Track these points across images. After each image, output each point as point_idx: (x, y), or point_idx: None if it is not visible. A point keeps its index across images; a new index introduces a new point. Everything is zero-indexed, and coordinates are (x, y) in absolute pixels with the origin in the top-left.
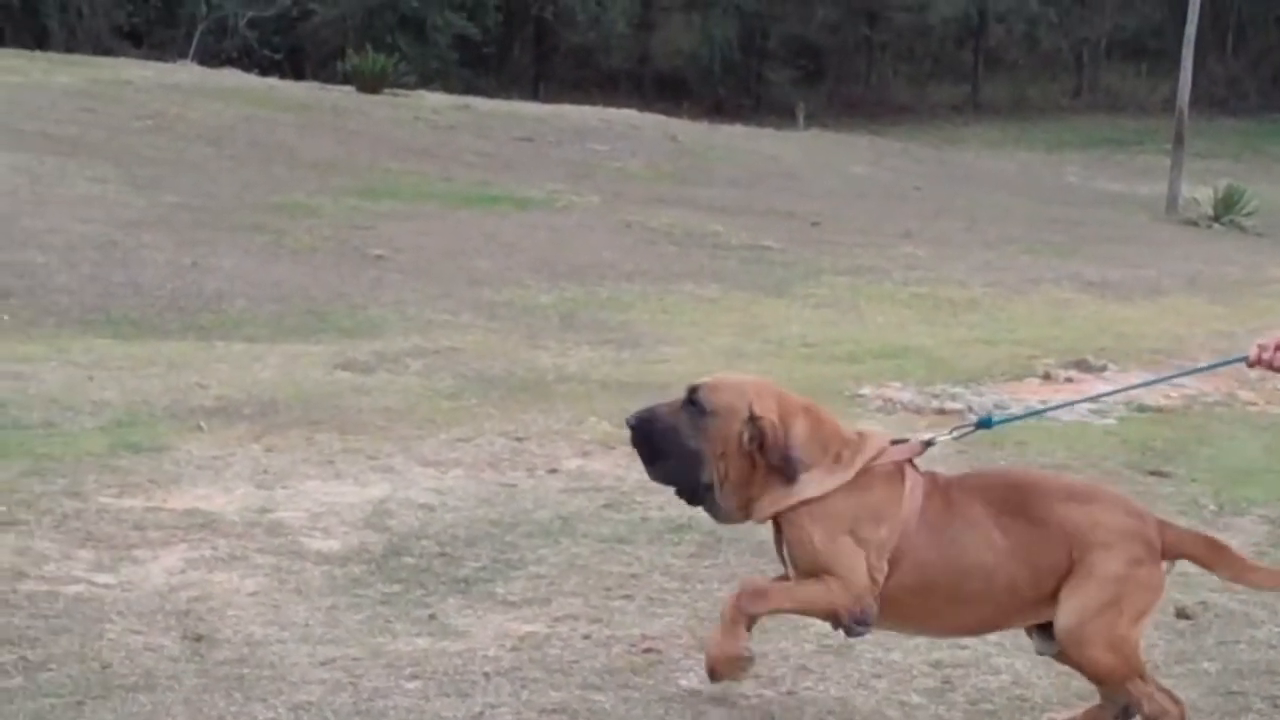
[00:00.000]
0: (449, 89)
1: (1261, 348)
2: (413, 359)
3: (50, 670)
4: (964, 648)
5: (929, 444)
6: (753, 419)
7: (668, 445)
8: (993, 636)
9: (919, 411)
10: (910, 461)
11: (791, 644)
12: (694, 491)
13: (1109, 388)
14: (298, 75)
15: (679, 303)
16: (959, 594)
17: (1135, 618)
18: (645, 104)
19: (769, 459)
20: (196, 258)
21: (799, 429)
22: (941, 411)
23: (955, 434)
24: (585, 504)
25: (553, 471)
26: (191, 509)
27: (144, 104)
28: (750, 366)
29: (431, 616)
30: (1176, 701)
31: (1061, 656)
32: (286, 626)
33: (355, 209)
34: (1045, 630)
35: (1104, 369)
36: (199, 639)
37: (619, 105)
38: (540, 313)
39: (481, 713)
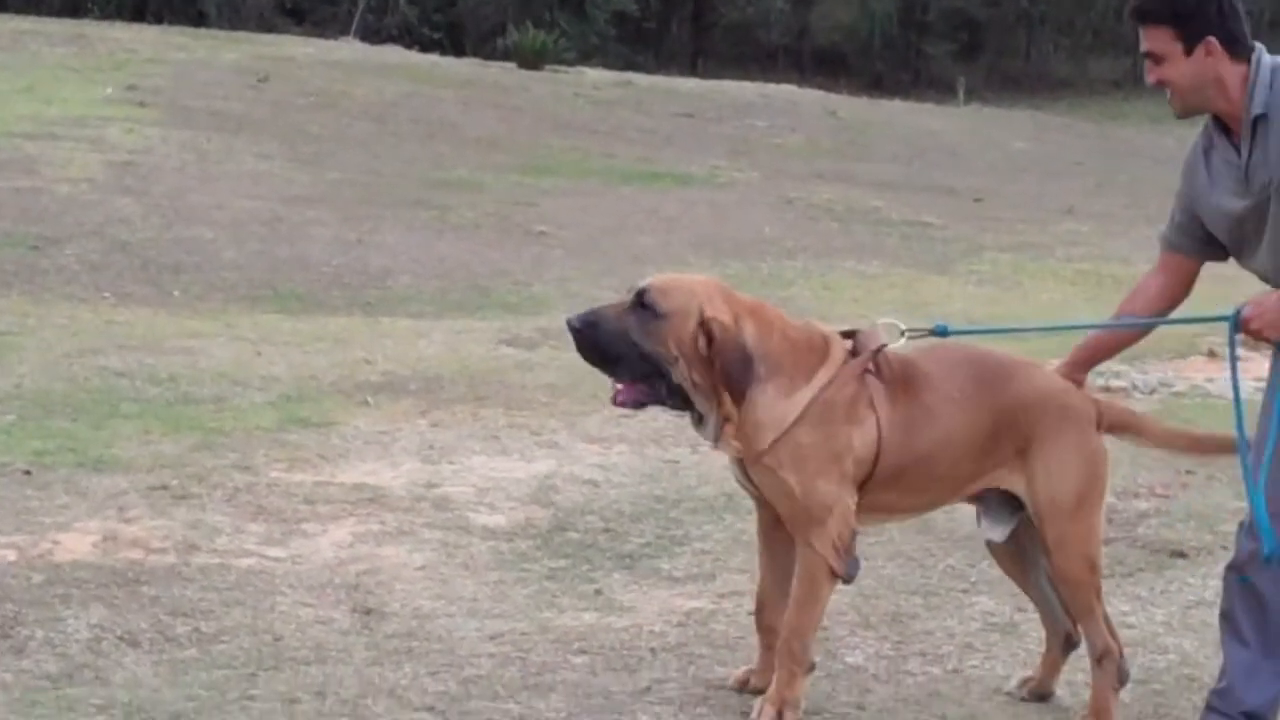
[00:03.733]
0: (608, 65)
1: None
2: None
3: (223, 642)
4: (1131, 627)
5: (879, 351)
6: (703, 321)
7: (616, 349)
8: (1159, 616)
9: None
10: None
11: (957, 622)
12: (668, 393)
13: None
14: (457, 52)
15: (840, 279)
16: (940, 470)
17: (1099, 502)
18: (804, 79)
19: (722, 363)
20: (361, 234)
21: (748, 334)
22: (1107, 389)
23: (909, 336)
24: None
25: None
26: (360, 484)
27: (308, 81)
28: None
29: (598, 592)
30: (1117, 637)
31: (1004, 547)
32: (454, 601)
33: (518, 185)
34: (994, 513)
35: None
36: (368, 612)
37: (777, 81)
38: None
39: (649, 687)
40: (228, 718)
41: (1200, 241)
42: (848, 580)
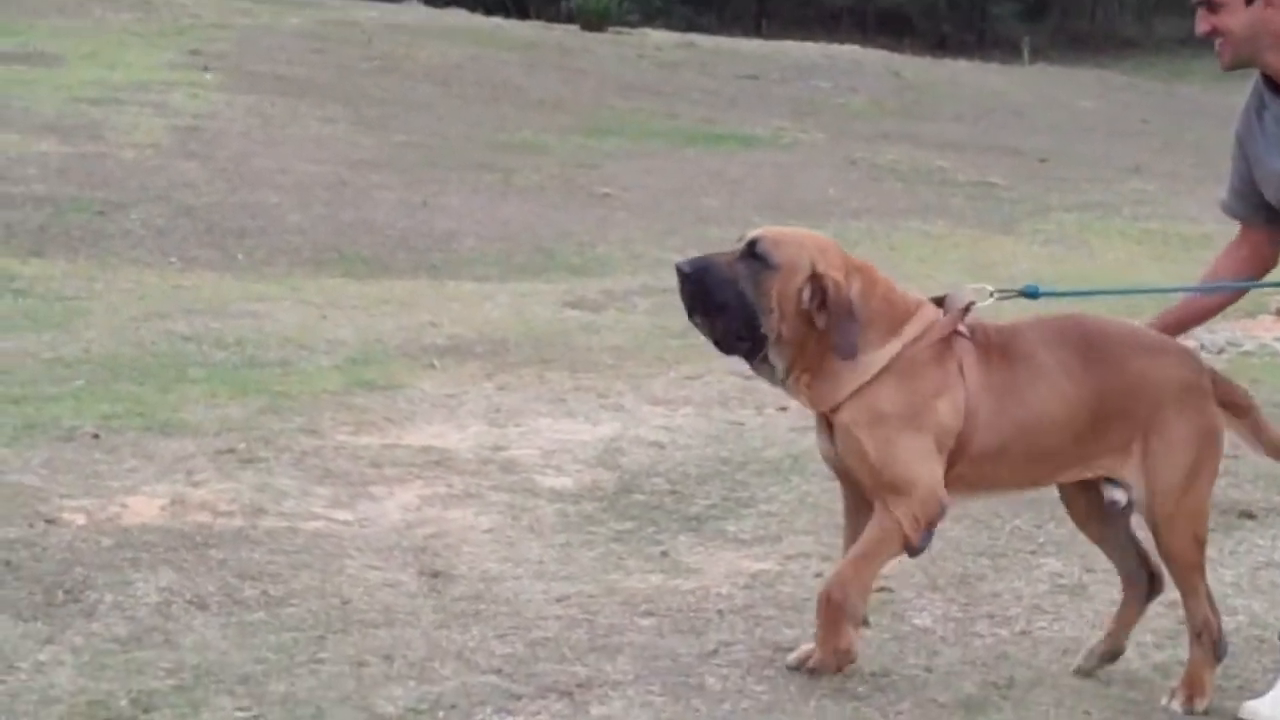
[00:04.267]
0: (671, 27)
1: None
2: (641, 297)
3: (292, 605)
4: None
5: (968, 309)
6: (815, 276)
7: (723, 296)
8: (1228, 577)
9: None
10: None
11: (1024, 584)
12: (750, 344)
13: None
14: (521, 14)
15: (906, 239)
16: (1034, 451)
17: (1210, 480)
18: (867, 40)
19: (829, 322)
20: (426, 197)
21: (854, 292)
22: None
23: (996, 296)
24: (813, 443)
25: (782, 409)
26: (426, 446)
27: (372, 44)
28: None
29: (664, 554)
30: (1216, 612)
31: (1080, 497)
32: (521, 563)
33: (581, 147)
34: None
35: None
36: (436, 575)
37: (841, 41)
38: None
39: (716, 650)
40: (296, 680)
41: (1260, 207)
42: (915, 553)
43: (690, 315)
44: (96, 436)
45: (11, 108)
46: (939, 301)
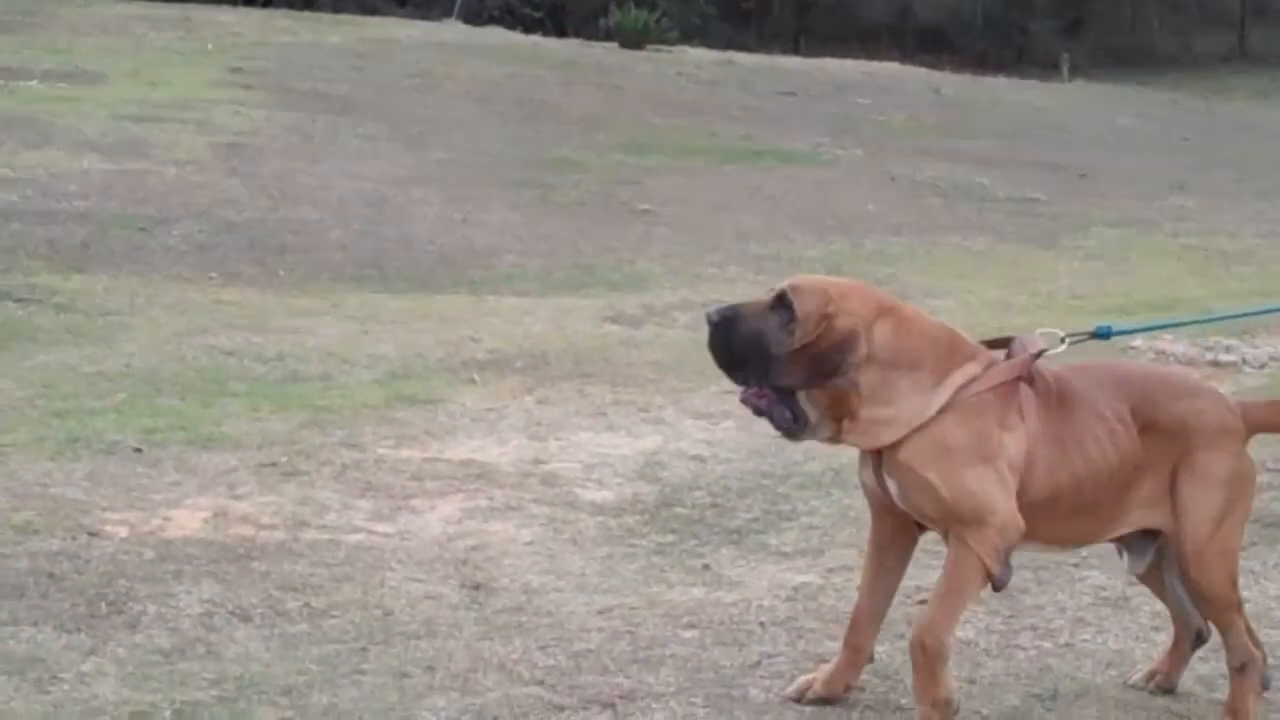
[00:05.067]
0: (710, 45)
1: None
2: (680, 312)
3: (334, 617)
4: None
5: (1039, 356)
6: (825, 317)
7: (749, 350)
8: (1273, 590)
9: (1192, 364)
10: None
11: (1068, 596)
12: (783, 413)
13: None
14: (559, 33)
15: (946, 255)
16: (1081, 503)
17: (1242, 521)
18: (906, 57)
19: (815, 351)
20: (466, 213)
21: (880, 333)
22: (1215, 364)
23: (1069, 341)
24: (855, 455)
25: None
26: (467, 460)
27: (412, 63)
28: (1018, 319)
29: (706, 567)
30: (1259, 645)
31: (1148, 579)
32: (563, 576)
33: (621, 164)
34: (1135, 546)
35: None
36: (477, 587)
37: (880, 59)
38: (806, 266)
39: (759, 662)
40: (339, 692)
41: None
42: (999, 587)
43: (715, 358)
44: (139, 450)
45: (55, 126)
46: (1004, 343)
